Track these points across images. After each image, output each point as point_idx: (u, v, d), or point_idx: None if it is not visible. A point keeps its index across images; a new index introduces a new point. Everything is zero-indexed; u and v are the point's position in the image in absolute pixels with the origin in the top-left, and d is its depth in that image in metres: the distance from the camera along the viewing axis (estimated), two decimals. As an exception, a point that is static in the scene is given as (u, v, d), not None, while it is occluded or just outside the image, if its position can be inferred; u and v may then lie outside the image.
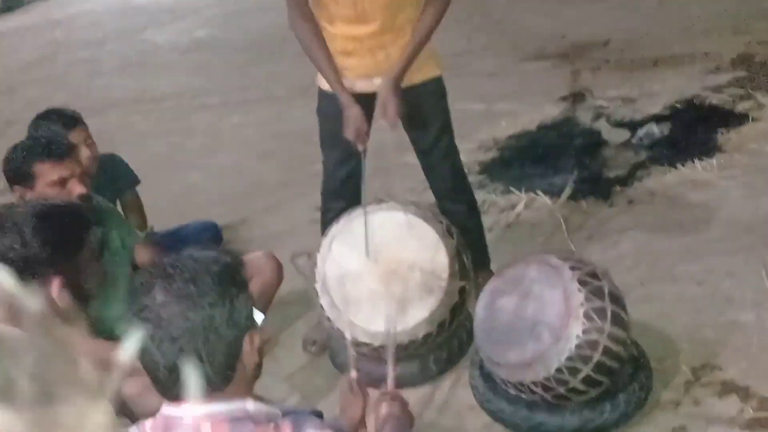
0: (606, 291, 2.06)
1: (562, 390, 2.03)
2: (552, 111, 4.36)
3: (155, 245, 2.79)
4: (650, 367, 2.20)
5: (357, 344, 2.32)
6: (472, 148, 4.03)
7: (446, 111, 2.53)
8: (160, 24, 8.46)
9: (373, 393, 2.32)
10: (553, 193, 3.38)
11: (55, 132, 2.63)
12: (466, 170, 3.66)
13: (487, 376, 2.23)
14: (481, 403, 2.23)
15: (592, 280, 2.07)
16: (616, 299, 2.08)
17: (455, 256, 2.33)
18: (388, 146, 2.51)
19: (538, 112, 4.36)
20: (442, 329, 2.33)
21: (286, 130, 4.71)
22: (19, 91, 6.78)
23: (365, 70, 2.35)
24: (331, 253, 2.36)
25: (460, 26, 6.69)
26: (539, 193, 3.39)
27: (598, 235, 3.05)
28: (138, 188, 3.29)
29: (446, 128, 2.53)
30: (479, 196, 3.47)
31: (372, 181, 2.51)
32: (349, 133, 2.32)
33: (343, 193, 2.53)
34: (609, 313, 2.03)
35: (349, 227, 2.36)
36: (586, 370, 2.00)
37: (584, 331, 2.00)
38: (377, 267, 2.31)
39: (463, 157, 3.84)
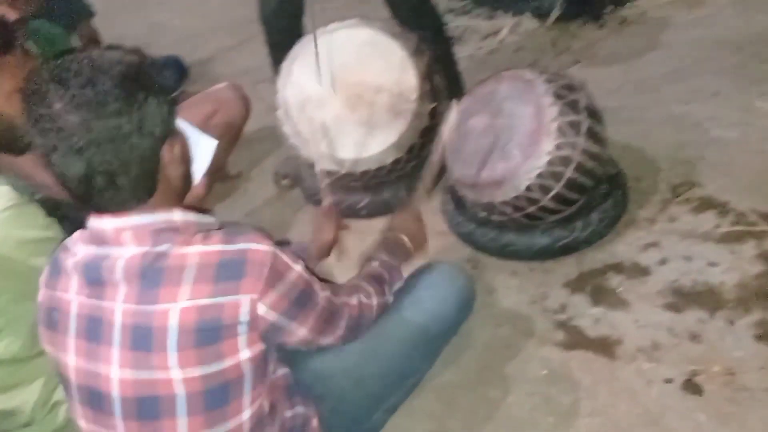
0: (582, 104, 1.93)
1: (532, 209, 1.95)
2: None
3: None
4: (627, 185, 2.12)
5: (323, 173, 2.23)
6: (456, -27, 3.76)
7: None
8: None
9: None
10: (542, 15, 3.17)
11: None
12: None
13: (458, 201, 2.16)
14: (451, 226, 2.17)
15: (567, 93, 1.94)
16: (593, 113, 1.95)
17: (425, 76, 2.18)
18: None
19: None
20: (412, 154, 2.22)
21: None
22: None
23: None
24: (292, 76, 2.20)
25: None
26: (526, 15, 3.17)
27: (585, 58, 2.88)
28: (101, 27, 3.09)
29: None
30: (461, 22, 3.28)
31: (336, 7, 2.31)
32: None
33: (284, 21, 2.32)
34: (584, 128, 1.91)
35: (310, 48, 2.19)
36: (557, 188, 1.91)
37: (557, 147, 1.89)
38: (341, 90, 2.17)
39: (444, -18, 3.63)
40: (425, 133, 2.20)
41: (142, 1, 4.41)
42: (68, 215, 2.04)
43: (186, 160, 1.27)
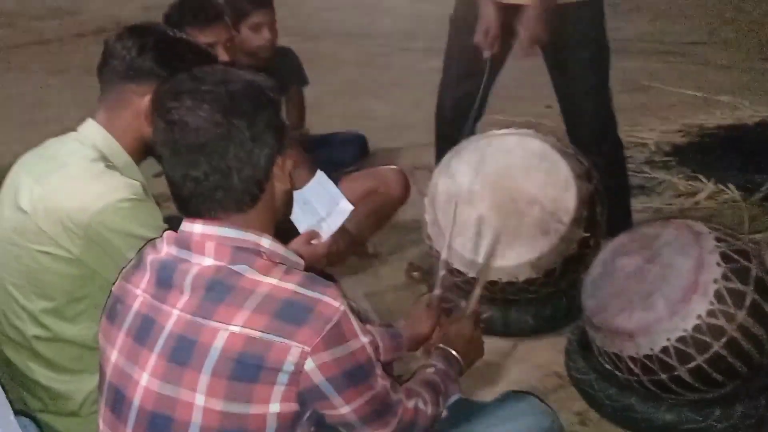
0: (752, 275, 1.65)
1: (664, 377, 1.66)
2: (781, 112, 3.72)
3: (299, 142, 2.79)
4: (793, 390, 1.75)
5: (450, 271, 2.10)
6: (670, 130, 3.58)
7: (600, 42, 2.21)
8: (400, -25, 8.63)
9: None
10: (749, 190, 2.86)
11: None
12: (652, 148, 3.28)
13: (585, 344, 1.91)
14: (569, 369, 1.92)
15: (739, 258, 1.67)
16: (764, 289, 1.65)
17: (586, 203, 2.01)
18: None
19: (764, 109, 3.74)
20: (550, 280, 2.03)
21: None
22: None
23: None
24: (449, 168, 2.15)
25: (705, 18, 6.05)
26: (730, 186, 2.89)
27: (787, 244, 2.52)
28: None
29: (596, 61, 2.21)
30: (659, 175, 3.08)
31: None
32: (479, 35, 2.10)
33: (457, 116, 2.31)
34: (748, 301, 1.62)
35: (477, 145, 2.14)
36: (699, 360, 1.62)
37: (709, 313, 1.61)
38: (494, 193, 2.06)
39: (655, 137, 3.48)
40: (569, 261, 2.01)
41: (361, 90, 4.71)
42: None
43: (291, 185, 1.24)
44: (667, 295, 1.67)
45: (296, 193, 2.15)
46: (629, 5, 6.50)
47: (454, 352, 1.47)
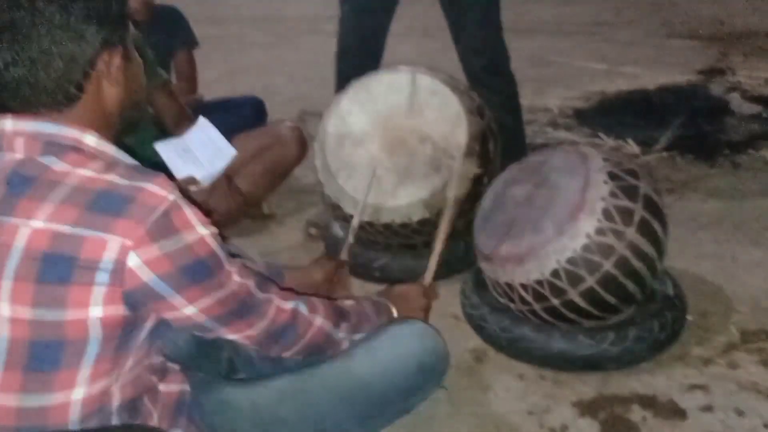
0: (641, 193, 1.61)
1: (556, 302, 1.60)
2: (681, 79, 3.80)
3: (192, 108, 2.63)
4: (685, 313, 1.72)
5: (344, 217, 2.01)
6: (573, 96, 3.60)
7: None
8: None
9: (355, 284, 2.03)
10: (647, 144, 2.89)
11: None
12: (555, 112, 3.27)
13: (479, 281, 1.84)
14: (464, 307, 1.84)
15: (626, 176, 1.63)
16: (653, 207, 1.62)
17: (478, 138, 1.94)
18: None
19: (664, 78, 3.82)
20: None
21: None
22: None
23: None
24: (339, 108, 2.04)
25: (611, 2, 6.19)
26: (629, 141, 2.90)
27: (684, 190, 2.53)
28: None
29: None
30: (559, 136, 3.06)
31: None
32: None
33: (360, 54, 2.22)
34: (637, 218, 1.58)
35: (368, 85, 2.04)
36: (590, 281, 1.56)
37: (597, 231, 1.56)
38: (384, 132, 1.97)
39: (557, 102, 3.47)
40: (463, 200, 1.93)
41: (268, 69, 4.60)
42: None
43: (128, 86, 1.10)
44: (554, 216, 1.61)
45: (176, 141, 2.02)
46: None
47: (389, 304, 1.37)
